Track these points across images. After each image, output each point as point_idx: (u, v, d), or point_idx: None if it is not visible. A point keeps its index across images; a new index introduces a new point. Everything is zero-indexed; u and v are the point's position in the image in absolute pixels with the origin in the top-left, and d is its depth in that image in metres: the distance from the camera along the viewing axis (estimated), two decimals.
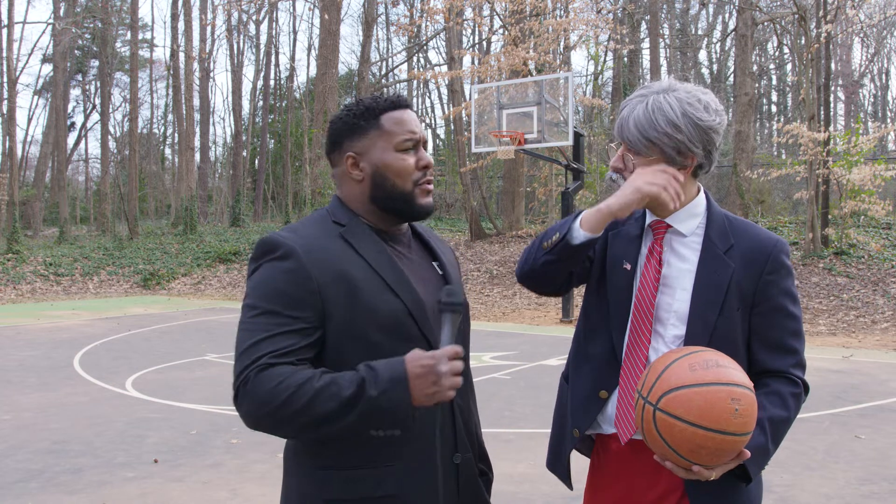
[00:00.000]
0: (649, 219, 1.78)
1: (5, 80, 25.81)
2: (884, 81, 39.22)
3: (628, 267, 1.76)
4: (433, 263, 1.70)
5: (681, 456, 1.54)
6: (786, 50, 33.75)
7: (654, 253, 1.74)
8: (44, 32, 51.81)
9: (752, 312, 1.68)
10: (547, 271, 1.73)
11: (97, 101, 37.44)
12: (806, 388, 1.71)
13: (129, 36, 32.06)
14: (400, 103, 1.62)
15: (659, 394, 1.54)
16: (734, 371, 1.54)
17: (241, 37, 36.97)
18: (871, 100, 40.13)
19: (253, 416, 1.44)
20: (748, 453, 1.55)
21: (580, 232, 1.65)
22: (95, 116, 39.28)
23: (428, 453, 1.57)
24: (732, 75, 30.18)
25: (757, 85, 29.97)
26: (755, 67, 25.80)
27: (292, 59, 37.76)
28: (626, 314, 1.75)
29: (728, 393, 1.50)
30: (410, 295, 1.58)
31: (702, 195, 1.76)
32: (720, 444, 1.50)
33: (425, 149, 1.67)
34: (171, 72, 31.37)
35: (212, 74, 37.11)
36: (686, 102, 1.64)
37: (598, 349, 1.79)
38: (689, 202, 1.74)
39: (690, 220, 1.73)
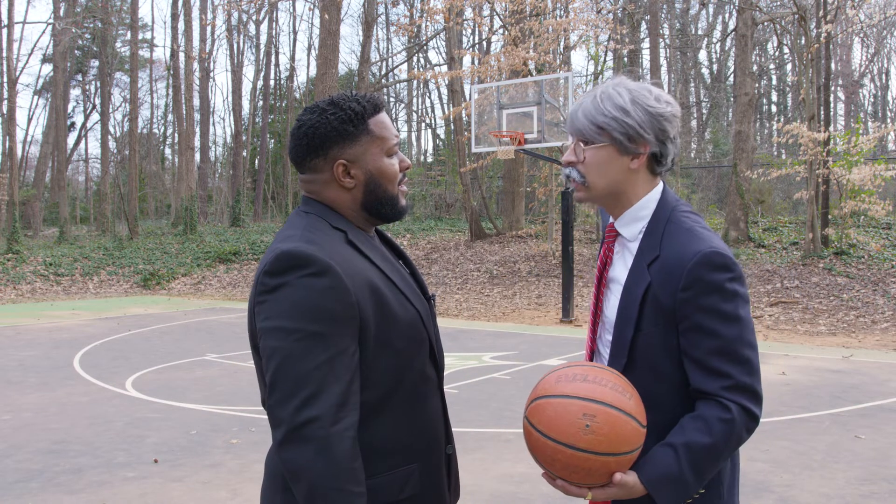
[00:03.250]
0: (610, 220, 1.77)
1: (5, 80, 25.81)
2: (884, 81, 39.24)
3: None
4: (399, 262, 1.70)
5: (542, 466, 1.52)
6: (786, 50, 33.75)
7: (602, 257, 1.75)
8: (44, 32, 51.78)
9: (678, 330, 1.55)
10: None
11: (97, 101, 37.44)
12: (749, 413, 1.52)
13: (129, 36, 32.06)
14: (382, 106, 1.60)
15: (528, 402, 1.55)
16: (603, 388, 1.46)
17: (241, 37, 36.99)
18: (871, 100, 40.15)
19: (313, 471, 1.35)
20: (621, 477, 1.48)
21: None
22: (95, 116, 39.30)
23: (437, 449, 1.61)
24: (732, 75, 30.19)
25: (757, 85, 29.96)
26: (755, 67, 25.80)
27: (292, 59, 37.78)
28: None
29: (581, 407, 1.44)
30: (419, 300, 1.61)
31: (653, 194, 1.67)
32: (570, 458, 1.44)
33: None
34: (171, 72, 31.37)
35: (212, 74, 37.13)
36: (635, 91, 1.63)
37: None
38: (638, 202, 1.67)
39: (634, 225, 1.67)
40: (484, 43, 27.91)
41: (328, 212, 1.57)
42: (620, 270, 1.68)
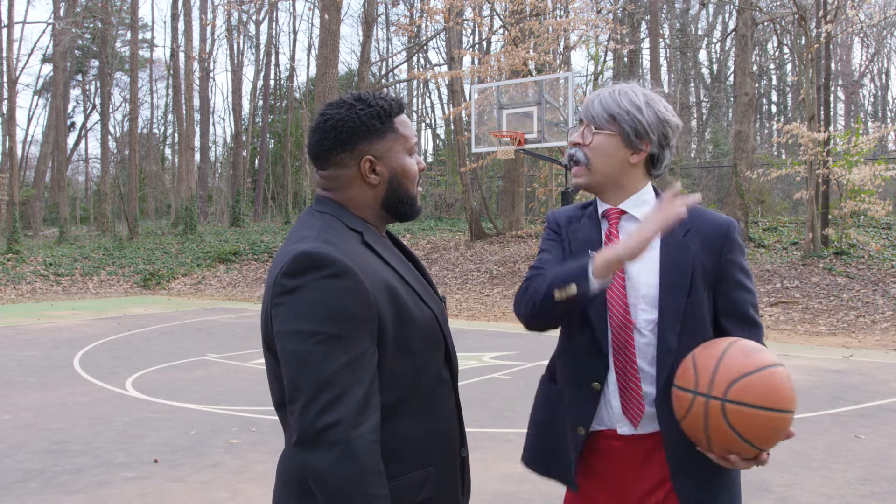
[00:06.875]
0: (601, 207, 1.87)
1: (5, 80, 25.80)
2: (884, 81, 39.22)
3: (593, 254, 1.76)
4: (410, 263, 1.68)
5: (752, 445, 1.55)
6: (786, 50, 33.74)
7: (611, 239, 1.81)
8: (44, 32, 51.75)
9: (715, 291, 1.79)
10: (561, 317, 1.79)
11: (97, 101, 37.45)
12: None
13: (129, 36, 32.05)
14: (404, 106, 1.62)
15: (724, 386, 1.54)
16: (765, 350, 1.63)
17: (241, 37, 36.96)
18: (871, 100, 40.13)
19: (337, 476, 1.33)
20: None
21: (594, 283, 1.66)
22: (95, 116, 39.30)
23: (453, 452, 1.60)
24: (732, 75, 30.17)
25: (757, 85, 29.96)
26: (755, 67, 25.80)
27: (292, 59, 37.79)
28: (600, 302, 1.78)
29: (786, 372, 1.57)
30: (434, 301, 1.59)
31: (649, 185, 1.87)
32: (785, 423, 1.55)
33: None
34: (171, 72, 31.39)
35: (212, 74, 37.12)
36: (649, 96, 1.81)
37: (581, 340, 1.82)
38: (639, 191, 1.84)
39: (643, 206, 1.83)
40: (484, 43, 27.91)
41: (343, 211, 1.55)
42: None
